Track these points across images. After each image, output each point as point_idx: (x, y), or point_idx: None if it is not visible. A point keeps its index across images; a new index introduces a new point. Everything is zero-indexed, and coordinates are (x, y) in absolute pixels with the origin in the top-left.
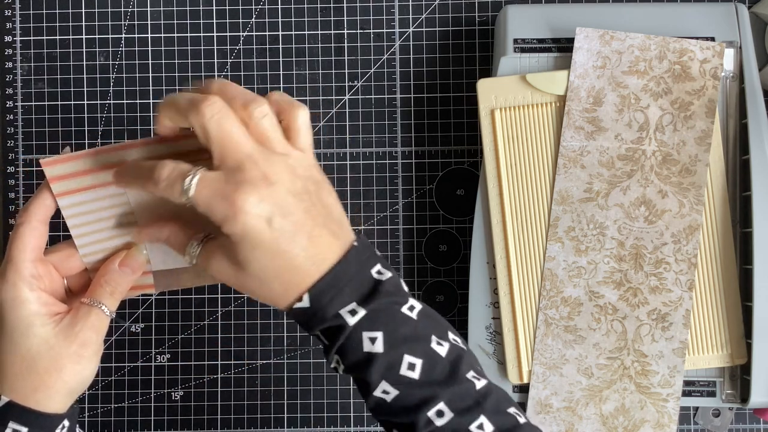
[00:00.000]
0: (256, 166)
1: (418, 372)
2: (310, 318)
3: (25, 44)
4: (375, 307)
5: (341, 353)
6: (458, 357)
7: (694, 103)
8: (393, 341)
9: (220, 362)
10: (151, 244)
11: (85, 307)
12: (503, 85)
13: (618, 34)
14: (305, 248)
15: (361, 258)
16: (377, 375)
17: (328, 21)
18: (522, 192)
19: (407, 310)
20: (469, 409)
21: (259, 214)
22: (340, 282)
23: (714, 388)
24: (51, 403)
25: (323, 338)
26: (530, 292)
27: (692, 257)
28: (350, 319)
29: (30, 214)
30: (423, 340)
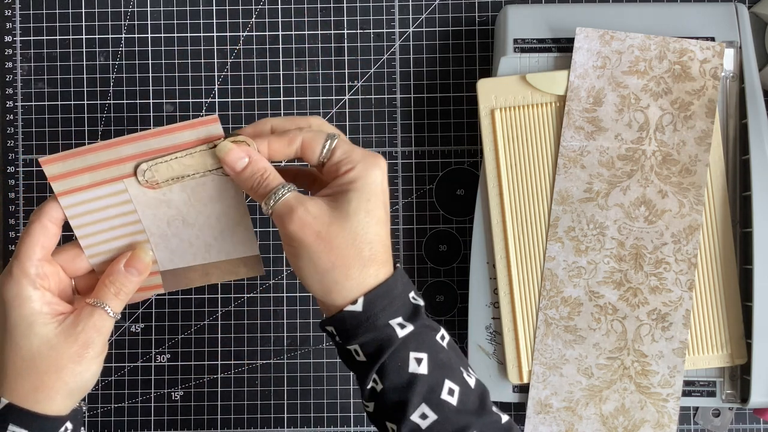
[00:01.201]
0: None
1: (456, 399)
2: (360, 324)
3: (25, 44)
4: (420, 326)
5: (382, 373)
6: (484, 390)
7: (694, 103)
8: (435, 364)
9: (220, 362)
10: (157, 244)
11: (89, 308)
12: (503, 85)
13: (618, 34)
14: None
15: (404, 279)
16: (419, 397)
17: (328, 21)
18: (522, 192)
19: (440, 338)
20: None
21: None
22: (391, 295)
23: (714, 388)
24: (51, 405)
25: (361, 355)
26: (530, 292)
27: (692, 257)
28: (399, 331)
29: (42, 214)
30: (456, 368)
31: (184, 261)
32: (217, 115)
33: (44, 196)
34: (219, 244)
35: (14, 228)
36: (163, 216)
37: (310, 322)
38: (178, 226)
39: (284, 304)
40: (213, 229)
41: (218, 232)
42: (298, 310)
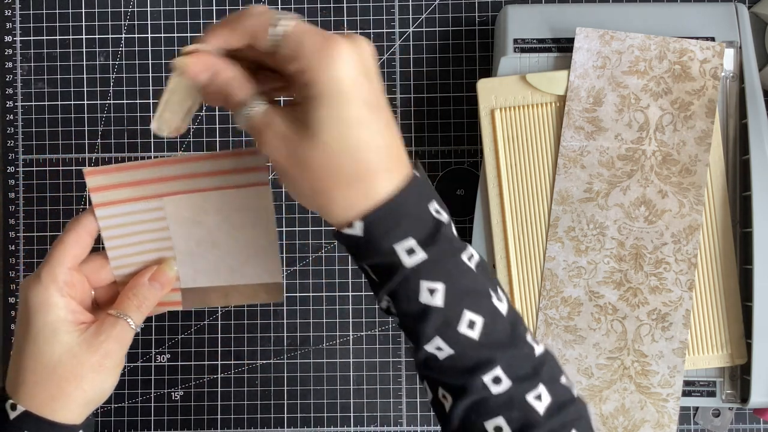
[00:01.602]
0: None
1: (478, 331)
2: (361, 248)
3: (25, 44)
4: (437, 252)
5: (393, 297)
6: (516, 317)
7: (694, 103)
8: (454, 294)
9: (220, 362)
10: (182, 261)
11: (111, 318)
12: (503, 85)
13: (618, 34)
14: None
15: (423, 190)
16: (432, 329)
17: (328, 21)
18: (522, 192)
19: (467, 259)
20: (527, 377)
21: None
22: (399, 213)
23: (714, 388)
24: (68, 413)
25: (373, 274)
26: (530, 292)
27: (692, 257)
28: (406, 259)
29: (80, 224)
30: (484, 295)
31: (206, 281)
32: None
33: (44, 196)
34: (244, 269)
35: (14, 228)
36: (193, 236)
37: (310, 322)
38: (206, 248)
39: (284, 304)
40: (240, 254)
41: (245, 258)
42: (298, 310)
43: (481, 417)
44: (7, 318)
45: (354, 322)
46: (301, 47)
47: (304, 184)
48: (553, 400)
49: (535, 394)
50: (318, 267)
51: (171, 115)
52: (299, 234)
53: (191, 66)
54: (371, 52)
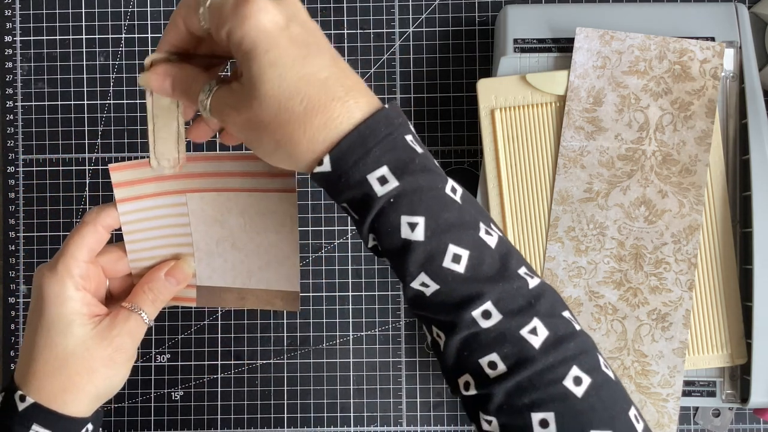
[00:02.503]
0: None
1: (464, 265)
2: (334, 184)
3: (25, 44)
4: (413, 183)
5: (376, 233)
6: (509, 250)
7: (694, 103)
8: (436, 228)
9: (220, 362)
10: (201, 259)
11: (125, 312)
12: (503, 85)
13: (618, 34)
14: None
15: (394, 121)
16: (415, 266)
17: (328, 21)
18: (522, 192)
19: (450, 191)
20: (520, 311)
21: (274, 16)
22: (367, 141)
23: (714, 388)
24: (77, 406)
25: (353, 212)
26: None
27: (692, 257)
28: (379, 189)
29: (98, 218)
30: (470, 227)
31: (223, 281)
32: None
33: (44, 196)
34: (262, 273)
35: (14, 228)
36: (214, 235)
37: (310, 322)
38: (226, 248)
39: None
40: (260, 258)
41: (264, 262)
42: (298, 310)
43: (474, 353)
44: (7, 318)
45: (354, 322)
46: (223, 12)
47: (268, 142)
48: (550, 334)
49: (530, 328)
50: (318, 267)
51: (163, 146)
52: (299, 234)
53: (152, 80)
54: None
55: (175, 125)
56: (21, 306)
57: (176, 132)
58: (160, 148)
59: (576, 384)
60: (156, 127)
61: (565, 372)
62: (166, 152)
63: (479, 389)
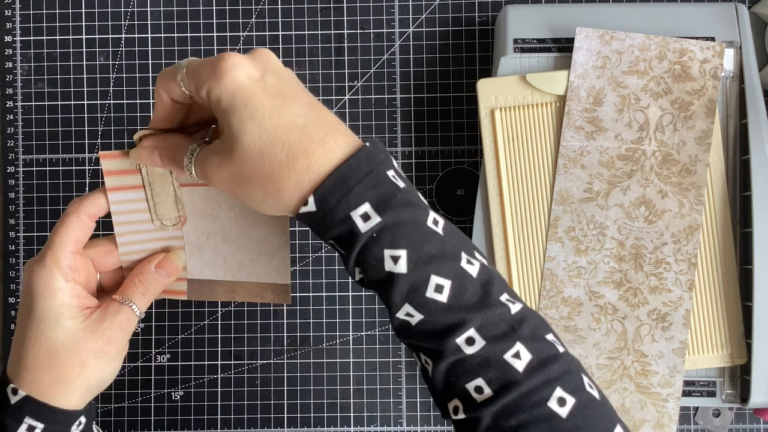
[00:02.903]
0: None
1: (447, 294)
2: (319, 223)
3: (25, 44)
4: (394, 217)
5: (362, 266)
6: (490, 278)
7: (694, 103)
8: (418, 260)
9: (220, 362)
10: (191, 252)
11: (116, 304)
12: (503, 85)
13: (618, 34)
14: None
15: (375, 158)
16: (399, 297)
17: (328, 21)
18: (522, 192)
19: (432, 223)
20: (503, 336)
21: (249, 71)
22: (349, 180)
23: (714, 388)
24: (69, 399)
25: (339, 248)
26: (530, 292)
27: (692, 257)
28: (362, 225)
29: (81, 207)
30: (451, 258)
31: (214, 274)
32: None
33: (44, 196)
34: (252, 267)
35: (14, 228)
36: (205, 228)
37: (310, 322)
38: (217, 241)
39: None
40: (251, 251)
41: (255, 255)
42: (298, 310)
43: (461, 378)
44: (7, 317)
45: (354, 322)
46: (200, 73)
47: (255, 193)
48: (533, 357)
49: (513, 353)
50: (318, 267)
51: (164, 208)
52: (299, 234)
53: (142, 154)
54: (268, 54)
55: (171, 188)
56: None
57: (173, 194)
58: (160, 211)
59: (560, 405)
60: (154, 192)
61: (549, 393)
62: (167, 213)
63: (467, 413)
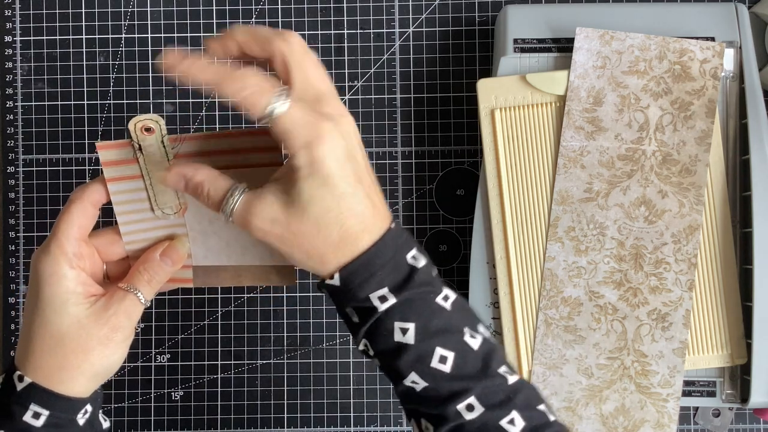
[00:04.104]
0: (334, 102)
1: (450, 365)
2: (340, 297)
3: (25, 44)
4: (408, 296)
5: (370, 338)
6: (490, 351)
7: (694, 103)
8: (425, 333)
9: (220, 362)
10: (195, 239)
11: (121, 292)
12: (503, 85)
13: (618, 34)
14: (364, 202)
15: (398, 241)
16: (407, 366)
17: (328, 21)
18: (522, 192)
19: (441, 300)
20: (500, 404)
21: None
22: (374, 265)
23: (714, 388)
24: (75, 385)
25: (354, 316)
26: (530, 292)
27: (692, 257)
28: (379, 305)
29: (84, 194)
30: (456, 332)
31: (218, 260)
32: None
33: (44, 196)
34: (256, 249)
35: (14, 228)
36: (207, 213)
37: (310, 322)
38: (220, 226)
39: (284, 304)
40: None
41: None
42: (298, 310)
43: None
44: (7, 318)
45: None
46: (291, 136)
47: (296, 252)
48: (526, 424)
49: (508, 419)
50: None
51: (163, 196)
52: None
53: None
54: (354, 131)
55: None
56: (21, 305)
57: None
58: (161, 199)
59: None
60: (152, 181)
61: None
62: (167, 201)
63: None
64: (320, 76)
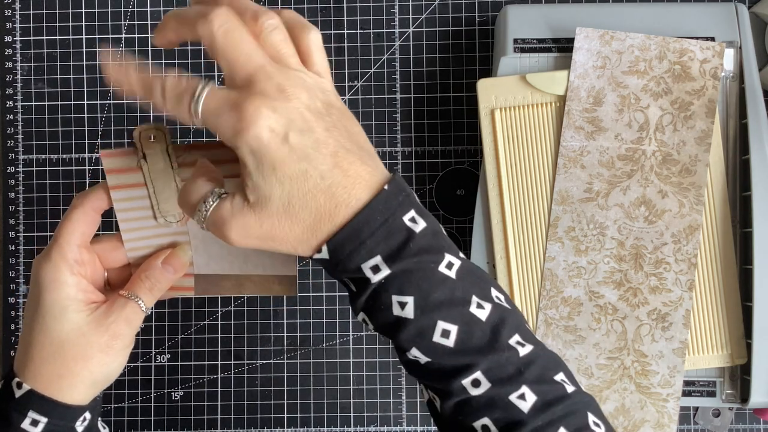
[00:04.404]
0: (269, 78)
1: (453, 339)
2: (331, 269)
3: (25, 44)
4: (404, 266)
5: (369, 312)
6: (501, 320)
7: (694, 103)
8: (425, 306)
9: (220, 362)
10: (197, 247)
11: (122, 299)
12: (503, 85)
13: (618, 34)
14: (330, 173)
15: (392, 204)
16: (407, 341)
17: (328, 21)
18: (522, 192)
19: (445, 268)
20: (510, 378)
21: (272, 126)
22: (362, 233)
23: (714, 388)
24: (74, 393)
25: (351, 285)
26: (530, 292)
27: (692, 257)
28: (371, 276)
29: (86, 201)
30: (460, 303)
31: (220, 268)
32: None
33: (44, 196)
34: (258, 258)
35: (14, 228)
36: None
37: (310, 322)
38: None
39: (284, 304)
40: None
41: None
42: (298, 310)
43: (468, 417)
44: (7, 317)
45: (354, 322)
46: (217, 127)
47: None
48: (538, 398)
49: (518, 394)
50: (318, 267)
51: (167, 204)
52: None
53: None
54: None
55: (173, 184)
56: (21, 306)
57: (176, 190)
58: (164, 207)
59: None
60: (156, 189)
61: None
62: (170, 210)
63: None
64: (249, 52)
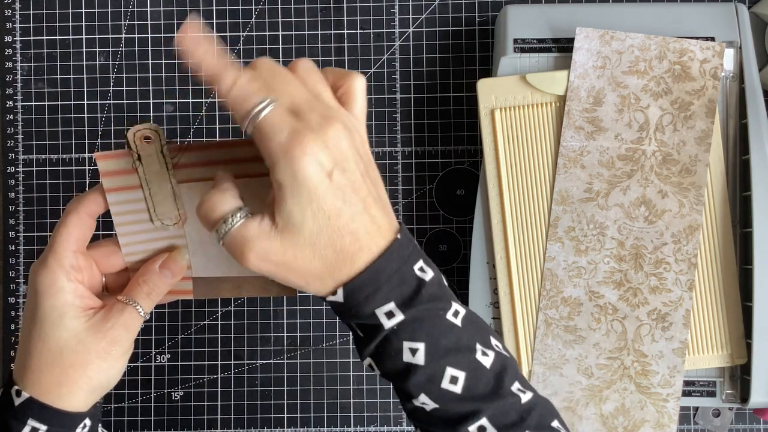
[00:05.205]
0: (314, 110)
1: (461, 386)
2: (344, 312)
3: (25, 44)
4: (416, 313)
5: (377, 357)
6: (503, 368)
7: (694, 103)
8: (435, 353)
9: (220, 362)
10: (195, 250)
11: (120, 305)
12: (503, 85)
13: (618, 34)
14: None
15: (404, 253)
16: (416, 387)
17: (328, 21)
18: (522, 192)
19: (452, 316)
20: (513, 425)
21: (322, 161)
22: (379, 279)
23: (714, 388)
24: (73, 400)
25: (359, 331)
26: (530, 292)
27: (692, 257)
28: (386, 322)
29: (80, 206)
30: (467, 350)
31: (218, 271)
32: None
33: (44, 196)
34: None
35: (14, 228)
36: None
37: (310, 322)
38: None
39: (284, 304)
40: None
41: None
42: (298, 310)
43: None
44: (7, 318)
45: None
46: (269, 141)
47: (293, 278)
48: None
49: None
50: None
51: (163, 207)
52: None
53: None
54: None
55: (169, 186)
56: (21, 306)
57: (172, 192)
58: (160, 210)
59: None
60: (152, 192)
61: None
62: (166, 212)
63: None
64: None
